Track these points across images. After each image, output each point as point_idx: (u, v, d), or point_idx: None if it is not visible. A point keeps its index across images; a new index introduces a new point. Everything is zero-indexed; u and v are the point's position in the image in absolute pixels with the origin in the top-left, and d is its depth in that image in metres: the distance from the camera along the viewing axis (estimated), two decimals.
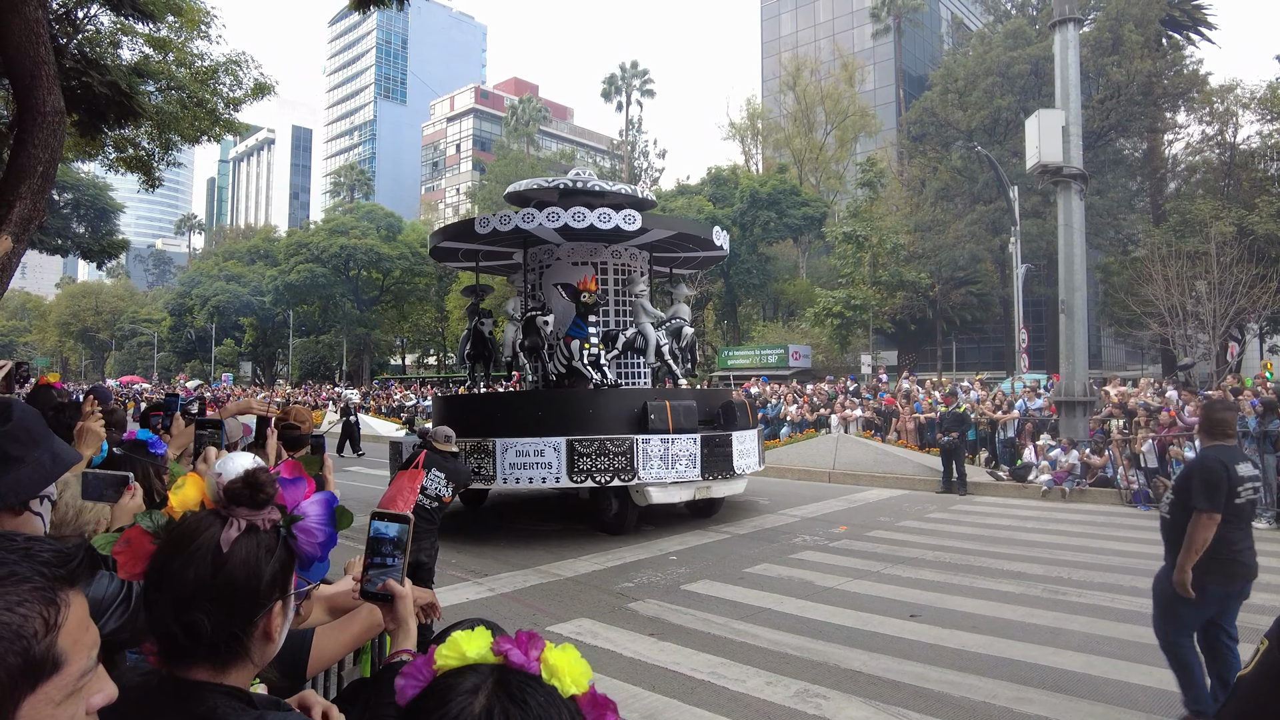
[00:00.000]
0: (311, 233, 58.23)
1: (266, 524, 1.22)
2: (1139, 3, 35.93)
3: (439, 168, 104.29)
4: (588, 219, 10.67)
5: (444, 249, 13.14)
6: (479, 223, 11.21)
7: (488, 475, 10.05)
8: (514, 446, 9.95)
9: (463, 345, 13.51)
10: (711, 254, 13.87)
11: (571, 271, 12.21)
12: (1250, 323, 30.27)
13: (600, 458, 9.81)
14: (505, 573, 8.29)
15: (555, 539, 10.22)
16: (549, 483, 9.98)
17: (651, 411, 10.26)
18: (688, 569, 8.34)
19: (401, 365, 69.13)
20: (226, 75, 15.31)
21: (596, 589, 7.59)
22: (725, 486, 11.03)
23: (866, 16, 59.36)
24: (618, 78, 54.49)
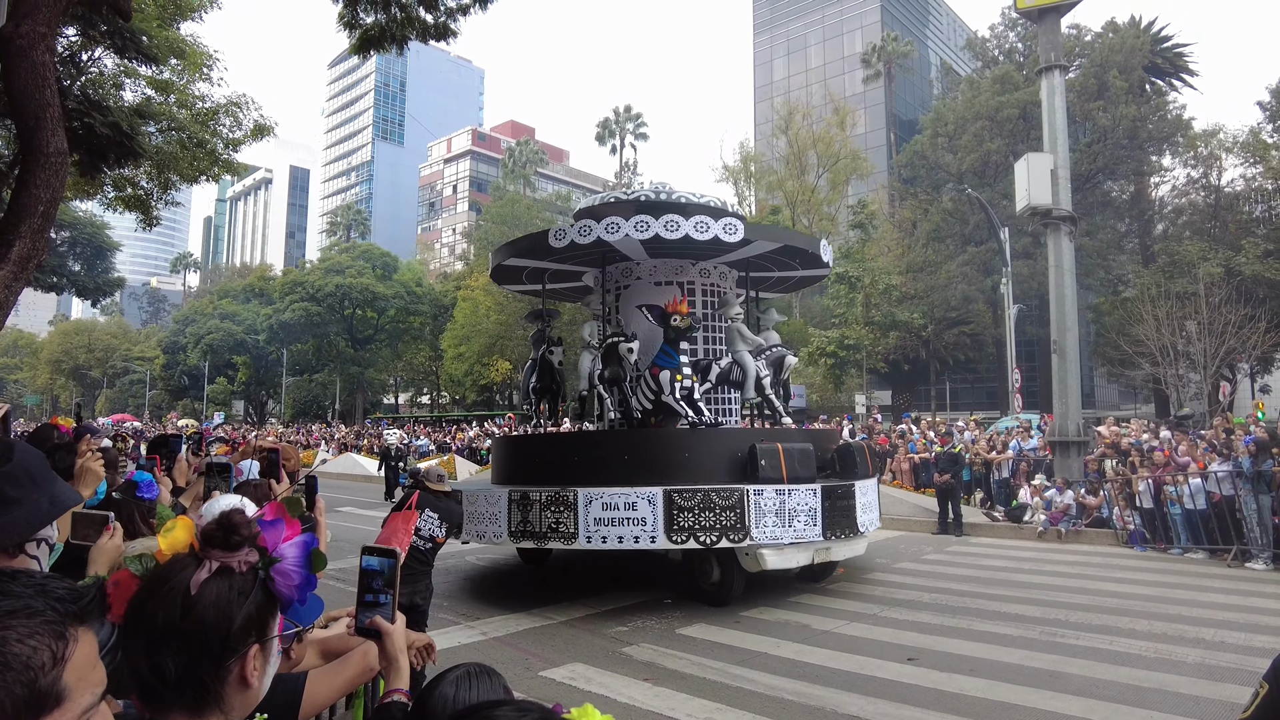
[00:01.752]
0: (307, 271, 58.44)
1: (243, 566, 1.20)
2: (1122, 50, 36.79)
3: (435, 208, 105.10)
4: (682, 228, 9.09)
5: (507, 269, 11.42)
6: (554, 235, 9.67)
7: (566, 532, 8.29)
8: (600, 498, 8.21)
9: (527, 377, 11.75)
10: (810, 272, 12.26)
11: (654, 292, 10.67)
12: (1241, 362, 30.44)
13: (704, 513, 8.06)
14: (497, 616, 8.18)
15: (553, 585, 10.09)
16: (643, 543, 8.12)
17: (761, 456, 8.49)
18: (683, 612, 8.25)
19: (395, 405, 68.88)
20: (227, 116, 15.54)
21: (590, 633, 7.50)
22: (846, 547, 9.10)
23: (858, 62, 60.63)
24: (612, 121, 55.30)
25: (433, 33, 10.91)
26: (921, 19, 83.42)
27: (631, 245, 9.75)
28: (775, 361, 10.66)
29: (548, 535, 8.41)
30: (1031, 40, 37.88)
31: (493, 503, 8.93)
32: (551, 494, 8.45)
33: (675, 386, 9.20)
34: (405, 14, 10.71)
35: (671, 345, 9.27)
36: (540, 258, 10.81)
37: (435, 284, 62.36)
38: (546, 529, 8.41)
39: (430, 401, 66.39)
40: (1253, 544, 10.84)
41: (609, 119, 55.51)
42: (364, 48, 11.03)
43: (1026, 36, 40.48)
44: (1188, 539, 11.62)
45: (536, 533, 8.48)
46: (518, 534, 8.68)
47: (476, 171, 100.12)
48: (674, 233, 9.08)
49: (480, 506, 9.04)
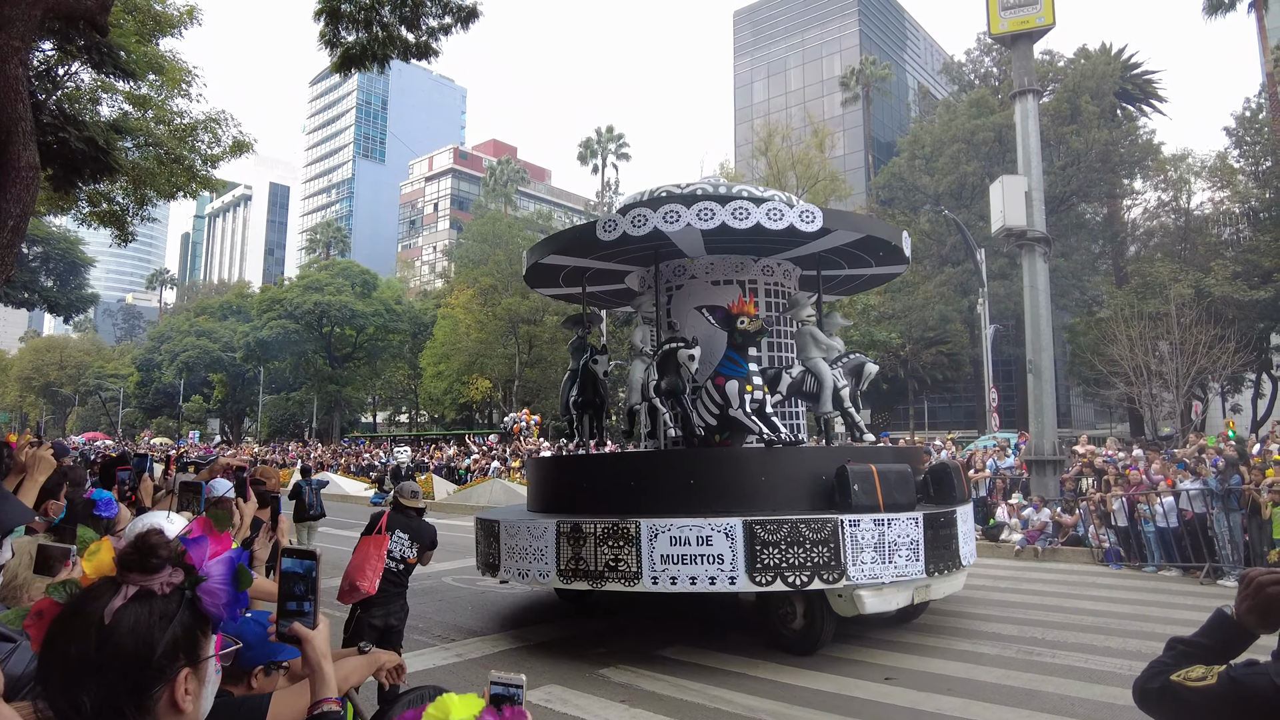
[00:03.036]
0: (286, 289, 58.01)
1: (165, 588, 1.15)
2: (1094, 75, 37.56)
3: (416, 226, 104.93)
4: (753, 215, 7.88)
5: (544, 269, 10.18)
6: (603, 227, 8.36)
7: (627, 571, 7.03)
8: (667, 531, 6.99)
9: (566, 390, 10.45)
10: (884, 269, 10.96)
11: (711, 293, 9.56)
12: (1212, 382, 30.92)
13: (793, 548, 6.82)
14: (473, 638, 8.09)
15: (531, 606, 10.00)
16: (720, 584, 6.83)
17: (854, 480, 7.27)
18: (663, 633, 8.19)
19: (373, 423, 68.31)
20: (205, 133, 15.46)
21: (568, 655, 7.43)
22: (946, 584, 7.81)
23: (836, 85, 61.47)
24: (594, 141, 55.57)
25: (414, 52, 10.94)
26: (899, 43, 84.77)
27: (690, 238, 8.63)
28: (854, 370, 9.42)
29: (605, 575, 7.14)
30: (1006, 65, 38.59)
31: (537, 536, 7.64)
32: (608, 526, 7.22)
33: (745, 399, 7.96)
34: (386, 33, 10.74)
35: (738, 351, 8.12)
36: (583, 255, 9.55)
37: (415, 302, 62.10)
38: (603, 568, 7.15)
39: (409, 420, 65.91)
40: (1224, 561, 10.97)
41: (591, 139, 55.76)
42: (345, 66, 11.04)
43: (1001, 61, 41.23)
44: (1161, 557, 11.73)
45: (591, 572, 7.22)
46: (569, 573, 7.37)
47: (458, 190, 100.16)
48: (743, 221, 7.87)
49: (522, 540, 7.79)
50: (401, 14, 10.65)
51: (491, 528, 8.40)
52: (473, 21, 10.71)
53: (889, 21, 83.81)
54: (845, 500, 7.28)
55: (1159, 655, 1.70)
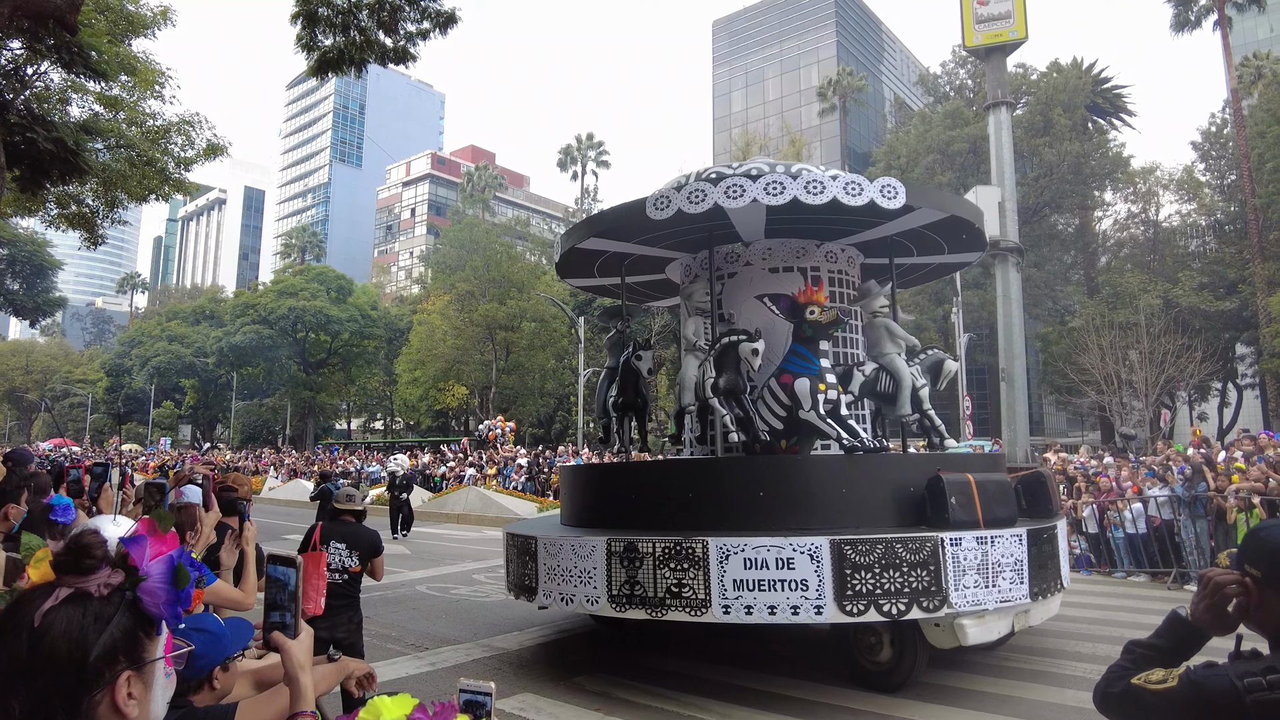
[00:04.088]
0: (260, 294, 57.40)
1: (103, 589, 1.13)
2: (1066, 89, 38.21)
3: (393, 231, 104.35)
4: (828, 190, 6.90)
5: (580, 255, 9.18)
6: (654, 204, 7.36)
7: (693, 599, 6.05)
8: (740, 552, 5.99)
9: (602, 390, 9.41)
10: (955, 258, 9.94)
11: (768, 281, 8.58)
12: (1180, 390, 31.47)
13: (887, 571, 5.90)
14: (447, 647, 8.02)
15: (506, 613, 9.92)
16: (804, 614, 5.87)
17: (951, 492, 6.39)
18: (637, 643, 8.16)
19: (347, 430, 67.68)
20: (178, 135, 15.30)
21: (542, 662, 7.38)
22: (1044, 608, 7.00)
23: (814, 96, 61.99)
24: (573, 148, 55.61)
25: (392, 56, 10.89)
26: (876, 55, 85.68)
27: (750, 218, 7.83)
28: (931, 367, 8.53)
29: (666, 603, 6.13)
30: (980, 78, 39.14)
31: (584, 555, 6.66)
32: (670, 545, 6.22)
33: (819, 399, 7.03)
34: (364, 37, 10.69)
35: (807, 346, 7.22)
36: (626, 239, 8.63)
37: (391, 307, 61.71)
38: (664, 594, 6.15)
39: (384, 427, 65.41)
40: (1191, 567, 11.14)
41: (571, 146, 55.78)
42: (322, 70, 10.97)
43: (976, 74, 41.83)
44: (1130, 562, 11.90)
45: (650, 599, 6.20)
46: (622, 599, 6.35)
47: (435, 195, 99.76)
48: (818, 195, 6.91)
49: (565, 560, 6.80)
50: (379, 18, 10.61)
51: (526, 545, 7.33)
52: (451, 27, 10.69)
53: (866, 33, 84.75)
54: (940, 515, 6.36)
55: (1117, 659, 1.72)
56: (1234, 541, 10.63)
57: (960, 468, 6.90)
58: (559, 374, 45.75)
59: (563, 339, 44.25)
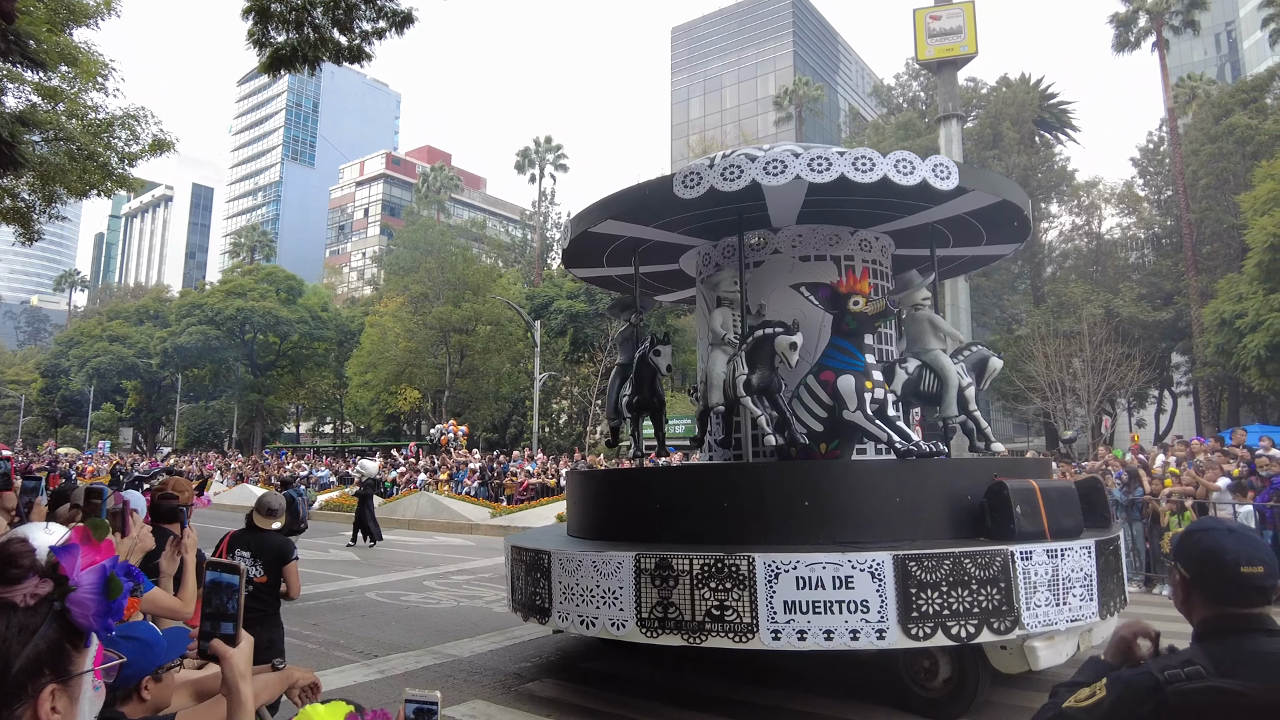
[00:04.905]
0: (207, 294, 56.01)
1: (29, 600, 1.09)
2: (1015, 103, 39.27)
3: (345, 231, 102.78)
4: (878, 168, 6.27)
5: (592, 241, 8.35)
6: (682, 181, 6.67)
7: (738, 623, 5.39)
8: (792, 569, 5.36)
9: (615, 389, 8.73)
10: (986, 251, 9.35)
11: (799, 270, 7.96)
12: (1120, 397, 32.52)
13: (955, 590, 5.32)
14: (396, 654, 7.90)
15: (458, 620, 9.81)
16: (865, 639, 5.25)
17: (1016, 500, 5.83)
18: (588, 646, 8.14)
19: (296, 434, 66.34)
20: (122, 129, 14.84)
21: (493, 669, 7.31)
22: (1106, 626, 6.25)
23: (770, 104, 62.74)
24: (531, 151, 55.37)
25: (347, 55, 10.71)
26: (832, 65, 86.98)
27: (786, 200, 7.26)
28: (976, 365, 7.91)
29: (706, 628, 5.46)
30: (932, 90, 40.00)
31: (608, 573, 5.91)
32: (710, 562, 5.51)
33: (865, 399, 6.44)
34: (318, 35, 10.50)
35: (850, 340, 6.62)
36: (646, 222, 7.96)
37: (342, 309, 60.72)
38: (704, 617, 5.47)
39: (334, 431, 64.27)
40: (1129, 569, 11.49)
41: (529, 148, 55.52)
42: (274, 67, 10.74)
43: (928, 86, 42.74)
44: None
45: (687, 622, 5.52)
46: (653, 624, 5.65)
47: (389, 195, 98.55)
48: (867, 173, 6.29)
49: (585, 578, 6.04)
50: (334, 16, 10.43)
51: (538, 560, 6.54)
52: (408, 27, 10.56)
53: (823, 44, 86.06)
54: (1003, 526, 5.82)
55: (1045, 702, 1.79)
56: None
57: (1016, 473, 6.45)
58: (514, 378, 45.45)
59: (519, 343, 43.99)
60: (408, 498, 23.04)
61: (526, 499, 21.70)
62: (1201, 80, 42.30)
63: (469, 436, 35.77)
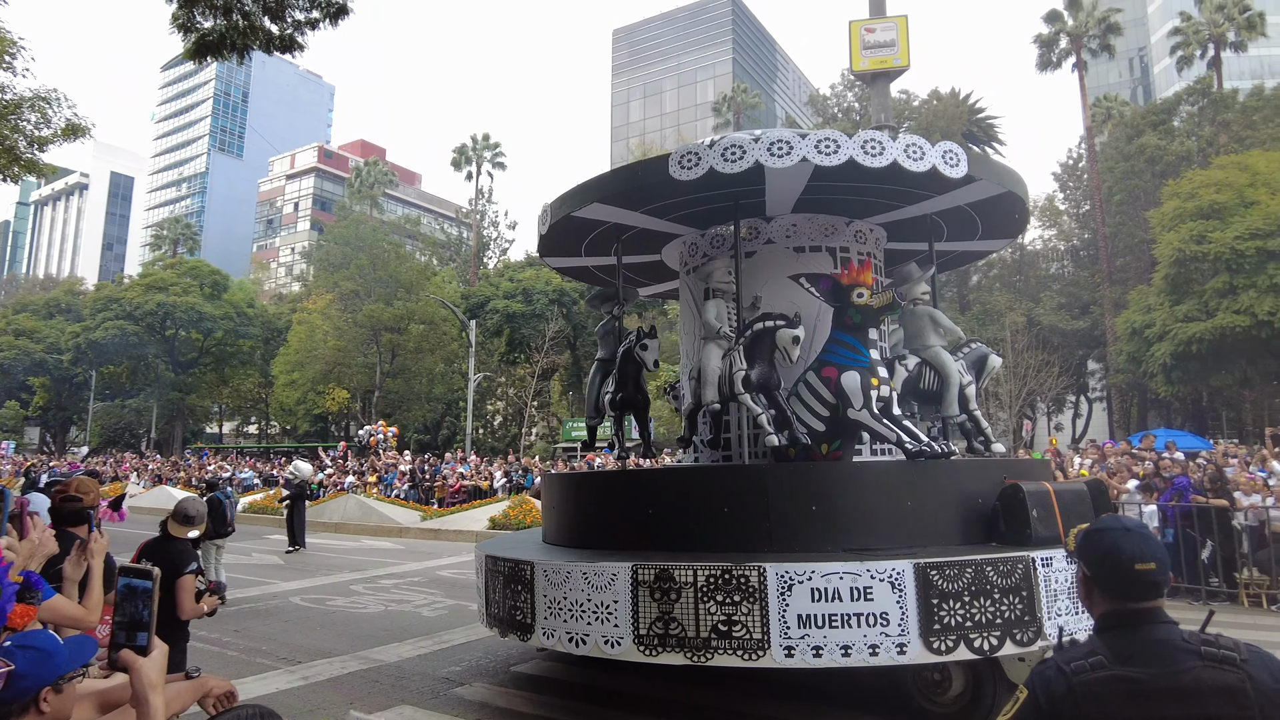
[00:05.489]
0: (125, 287, 53.63)
1: None
2: (945, 116, 40.52)
3: (274, 225, 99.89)
4: (888, 152, 6.10)
5: (574, 226, 7.89)
6: (679, 161, 6.36)
7: (747, 639, 5.04)
8: (808, 580, 5.03)
9: (595, 386, 8.33)
10: (979, 246, 9.27)
11: (793, 261, 7.67)
12: (1040, 402, 33.84)
13: (978, 600, 5.07)
14: (321, 660, 7.68)
15: (387, 625, 9.60)
16: (885, 654, 4.94)
17: (1032, 503, 5.63)
18: (519, 649, 8.06)
19: (219, 434, 64.13)
20: (32, 112, 14.13)
21: (421, 674, 7.18)
22: None
23: (709, 110, 63.36)
24: (469, 148, 54.69)
25: (278, 45, 10.39)
26: (770, 74, 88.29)
27: (787, 185, 6.93)
28: (975, 363, 7.69)
29: (712, 644, 5.09)
30: (866, 101, 40.99)
31: (601, 585, 5.50)
32: (716, 573, 5.15)
33: (871, 397, 6.14)
34: (248, 22, 10.16)
35: (854, 334, 6.33)
36: (634, 206, 7.51)
37: (269, 306, 58.95)
38: (709, 633, 5.11)
39: (258, 431, 62.31)
40: None
41: (466, 145, 54.81)
42: (200, 54, 10.36)
43: (862, 97, 43.74)
44: None
45: (691, 639, 5.16)
46: (653, 640, 5.28)
47: (321, 190, 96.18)
48: (877, 157, 6.09)
49: (574, 591, 5.61)
50: (265, 3, 10.11)
51: (519, 572, 6.06)
52: (342, 18, 10.30)
53: (761, 52, 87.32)
54: (1019, 531, 5.60)
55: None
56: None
57: (1025, 475, 6.27)
58: (448, 379, 44.81)
59: (453, 342, 43.40)
60: (335, 500, 22.48)
61: (458, 502, 21.41)
62: (1116, 101, 44.42)
63: (399, 438, 35.14)
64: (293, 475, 17.86)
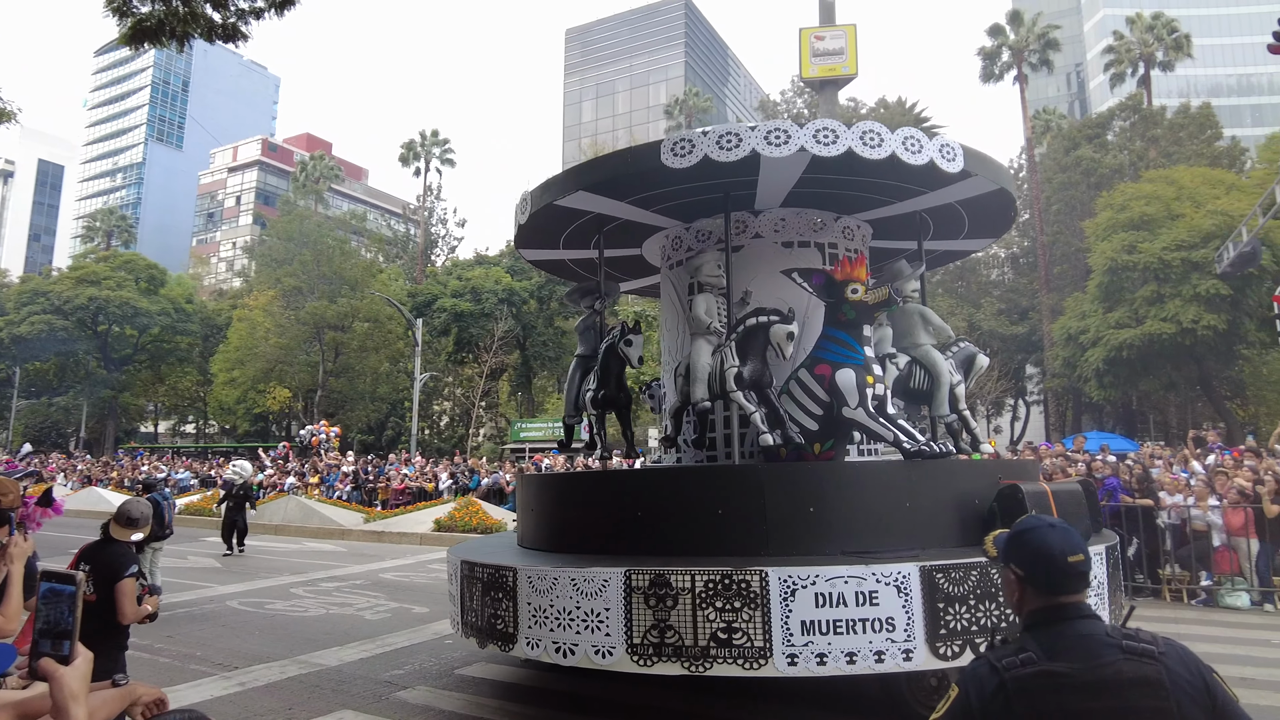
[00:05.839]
0: (54, 280, 51.53)
1: None
2: (891, 124, 41.00)
3: (215, 219, 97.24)
4: (886, 144, 6.01)
5: (554, 216, 7.55)
6: (671, 149, 6.10)
7: (749, 646, 4.85)
8: (812, 585, 4.87)
9: (575, 383, 8.05)
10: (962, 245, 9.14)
11: (780, 257, 7.49)
12: (980, 405, 34.76)
13: (983, 603, 4.99)
14: (259, 665, 7.49)
15: (327, 629, 9.41)
16: (890, 661, 4.84)
17: (1031, 504, 5.55)
18: (463, 652, 7.97)
19: (154, 433, 62.11)
20: None
21: (362, 678, 7.05)
22: None
23: (661, 113, 63.59)
24: (417, 144, 53.92)
25: (220, 33, 10.10)
26: (722, 78, 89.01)
27: (779, 177, 6.72)
28: (964, 362, 7.56)
29: (711, 653, 4.90)
30: (815, 108, 41.58)
31: (590, 592, 5.24)
32: (716, 578, 4.95)
33: (867, 395, 5.98)
34: (189, 8, 9.86)
35: (848, 331, 6.19)
36: (619, 195, 7.18)
37: (209, 302, 57.37)
38: (709, 641, 4.91)
39: (196, 431, 60.55)
40: None
41: (414, 141, 53.99)
42: (137, 39, 10.01)
43: (811, 104, 44.37)
44: None
45: (689, 648, 4.95)
46: (648, 650, 5.03)
47: (264, 183, 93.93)
48: (875, 149, 5.98)
49: (562, 599, 5.34)
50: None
51: (500, 578, 5.74)
52: (289, 8, 10.06)
53: (713, 56, 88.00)
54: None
55: None
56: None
57: (1018, 475, 6.23)
58: (393, 378, 44.13)
59: (398, 341, 42.75)
60: (275, 501, 21.95)
61: (402, 504, 21.09)
62: (1055, 114, 45.90)
63: (342, 438, 34.48)
64: (236, 475, 17.23)
